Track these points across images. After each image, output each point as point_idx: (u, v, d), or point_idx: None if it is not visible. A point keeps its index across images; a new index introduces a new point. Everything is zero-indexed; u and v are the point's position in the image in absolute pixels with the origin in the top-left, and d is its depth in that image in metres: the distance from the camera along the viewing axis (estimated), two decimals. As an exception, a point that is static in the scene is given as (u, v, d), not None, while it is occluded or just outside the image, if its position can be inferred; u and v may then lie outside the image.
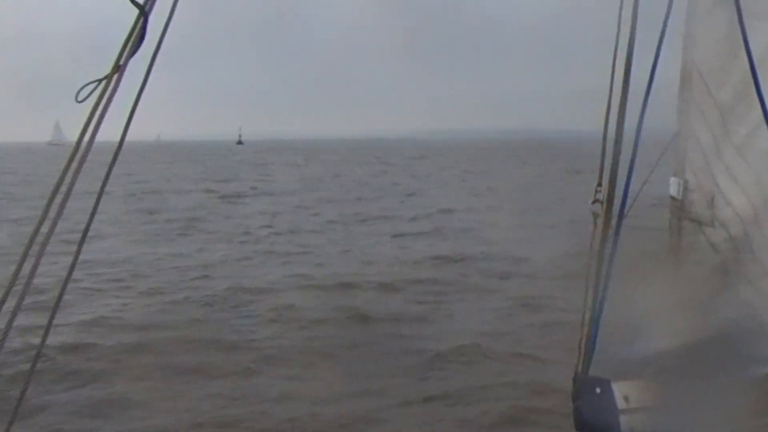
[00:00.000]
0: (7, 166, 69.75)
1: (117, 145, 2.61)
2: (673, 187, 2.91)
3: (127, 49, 2.42)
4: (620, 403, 2.49)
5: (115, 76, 2.41)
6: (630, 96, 2.60)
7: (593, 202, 2.57)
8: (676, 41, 2.80)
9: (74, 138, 2.44)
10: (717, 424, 2.53)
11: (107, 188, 2.49)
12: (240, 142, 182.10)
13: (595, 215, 2.56)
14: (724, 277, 2.84)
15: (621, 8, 2.61)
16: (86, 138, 2.36)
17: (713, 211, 2.85)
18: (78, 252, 2.58)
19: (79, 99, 2.44)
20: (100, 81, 2.44)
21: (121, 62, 2.43)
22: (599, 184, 2.58)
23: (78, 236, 2.44)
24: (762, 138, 2.66)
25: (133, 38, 2.43)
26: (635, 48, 2.46)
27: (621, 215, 2.54)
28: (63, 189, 2.37)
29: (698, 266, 2.89)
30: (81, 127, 2.37)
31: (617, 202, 2.50)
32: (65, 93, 2.61)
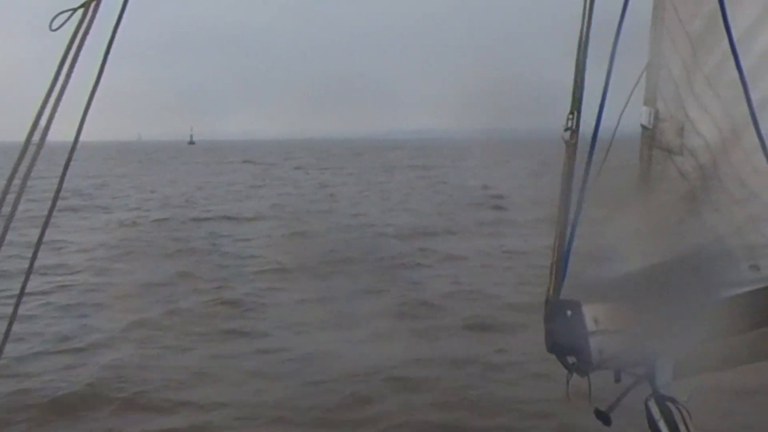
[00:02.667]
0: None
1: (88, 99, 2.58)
2: (644, 117, 2.97)
3: (105, -25, 2.39)
4: (590, 326, 2.59)
5: (93, 4, 2.38)
6: (603, 30, 2.65)
7: (565, 130, 2.61)
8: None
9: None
10: (684, 344, 2.65)
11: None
12: (192, 143, 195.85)
13: (567, 143, 2.60)
14: (692, 205, 2.94)
15: None
16: (64, 71, 2.34)
17: (683, 140, 2.92)
18: (40, 240, 2.58)
19: (53, 27, 2.41)
20: (75, 9, 2.41)
21: (98, -11, 2.40)
22: (571, 112, 2.62)
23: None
24: (730, 68, 2.73)
25: (109, -35, 2.39)
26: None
27: (593, 144, 2.60)
28: (42, 124, 2.36)
29: (667, 194, 2.98)
30: (58, 60, 2.35)
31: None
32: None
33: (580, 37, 2.64)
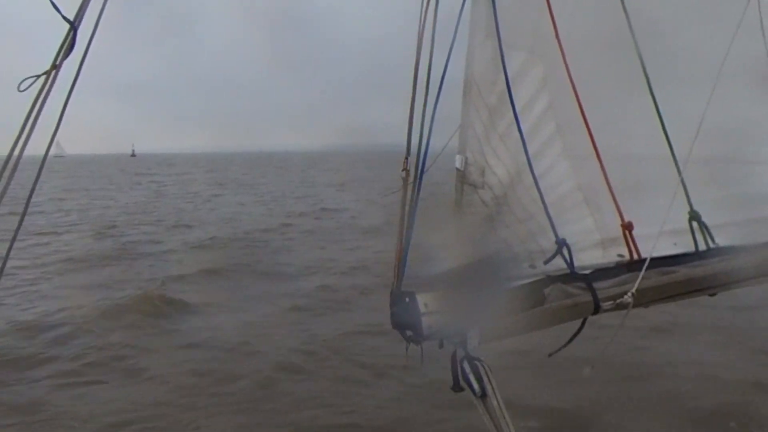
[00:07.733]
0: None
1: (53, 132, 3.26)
2: (458, 162, 3.71)
3: (62, 52, 3.14)
4: (422, 308, 3.21)
5: (53, 72, 3.11)
6: (429, 97, 3.66)
7: (402, 170, 3.59)
8: (462, 59, 3.90)
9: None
10: (482, 320, 3.43)
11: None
12: (133, 155, 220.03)
13: (403, 179, 3.57)
14: (490, 223, 3.70)
15: (421, 36, 3.66)
16: (29, 123, 3.02)
17: (484, 178, 3.68)
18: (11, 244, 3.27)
19: (21, 89, 3.09)
20: (39, 76, 3.10)
21: (57, 62, 3.13)
22: (406, 158, 3.61)
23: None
24: (515, 130, 3.71)
25: (66, 45, 3.15)
26: (433, 59, 3.58)
27: (420, 179, 3.57)
28: (11, 164, 3.01)
29: (473, 216, 3.70)
30: (24, 115, 3.03)
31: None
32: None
33: (411, 103, 3.65)
